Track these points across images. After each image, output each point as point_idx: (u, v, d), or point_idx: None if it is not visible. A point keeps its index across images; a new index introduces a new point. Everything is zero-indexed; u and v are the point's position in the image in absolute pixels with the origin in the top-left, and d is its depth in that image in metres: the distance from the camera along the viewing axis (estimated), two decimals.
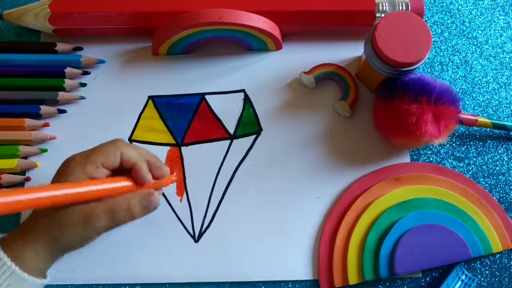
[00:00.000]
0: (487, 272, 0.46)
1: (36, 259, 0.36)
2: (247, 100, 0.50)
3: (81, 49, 0.51)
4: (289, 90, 0.50)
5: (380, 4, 0.49)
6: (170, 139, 0.49)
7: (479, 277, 0.46)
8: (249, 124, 0.49)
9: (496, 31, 0.54)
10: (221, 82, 0.50)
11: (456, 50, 0.53)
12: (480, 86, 0.52)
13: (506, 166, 0.49)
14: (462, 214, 0.45)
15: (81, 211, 0.36)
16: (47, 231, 0.36)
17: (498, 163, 0.49)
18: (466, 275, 0.44)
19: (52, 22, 0.48)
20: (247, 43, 0.50)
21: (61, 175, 0.37)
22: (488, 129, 0.50)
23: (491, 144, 0.50)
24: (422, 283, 0.45)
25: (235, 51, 0.52)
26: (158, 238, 0.46)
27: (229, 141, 0.49)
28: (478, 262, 0.46)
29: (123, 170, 0.39)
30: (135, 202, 0.38)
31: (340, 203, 0.47)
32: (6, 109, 0.48)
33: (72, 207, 0.36)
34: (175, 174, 0.47)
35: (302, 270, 0.45)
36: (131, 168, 0.39)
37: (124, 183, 0.38)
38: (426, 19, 0.54)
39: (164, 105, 0.50)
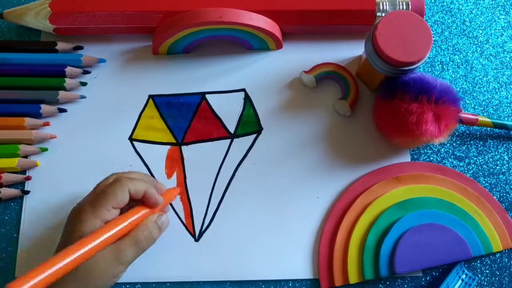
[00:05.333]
0: (487, 271, 0.46)
1: None
2: (247, 99, 0.50)
3: (81, 48, 0.51)
4: (289, 89, 0.50)
5: (381, 4, 0.49)
6: (170, 138, 0.49)
7: (480, 276, 0.46)
8: (250, 124, 0.49)
9: (497, 31, 0.53)
10: (221, 82, 0.50)
11: (457, 49, 0.53)
12: (481, 86, 0.52)
13: (507, 165, 0.49)
14: (463, 213, 0.45)
15: (109, 251, 0.36)
16: (78, 280, 0.36)
17: (498, 162, 0.49)
18: (466, 274, 0.44)
19: (53, 21, 0.48)
20: (248, 42, 0.50)
21: (74, 225, 0.37)
22: (488, 128, 0.50)
23: (491, 143, 0.50)
24: (422, 282, 0.45)
25: (235, 51, 0.51)
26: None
27: (229, 140, 0.49)
28: (478, 261, 0.46)
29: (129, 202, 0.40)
30: (153, 226, 0.39)
31: (341, 202, 0.47)
32: (7, 108, 0.48)
33: (100, 251, 0.36)
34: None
35: (302, 269, 0.45)
36: (140, 198, 0.40)
37: (142, 212, 0.39)
38: (427, 18, 0.54)
39: (165, 104, 0.50)
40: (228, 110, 0.49)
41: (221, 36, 0.49)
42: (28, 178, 0.47)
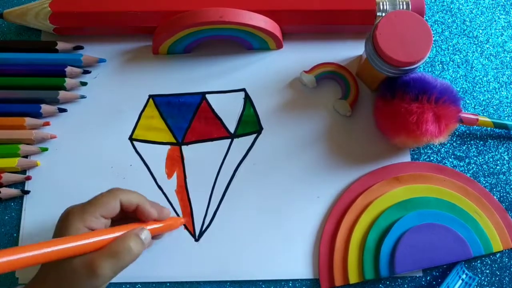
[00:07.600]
0: (487, 271, 0.46)
1: None
2: (247, 99, 0.50)
3: (81, 48, 0.51)
4: (289, 89, 0.50)
5: (381, 3, 0.49)
6: (170, 138, 0.49)
7: (480, 276, 0.46)
8: (250, 123, 0.49)
9: (497, 30, 0.53)
10: (221, 81, 0.50)
11: (457, 49, 0.53)
12: (481, 85, 0.52)
13: (507, 165, 0.49)
14: (463, 213, 0.45)
15: (85, 262, 0.35)
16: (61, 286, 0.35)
17: (498, 162, 0.49)
18: (466, 274, 0.44)
19: (53, 21, 0.48)
20: (248, 42, 0.50)
21: (62, 228, 0.37)
22: (488, 128, 0.50)
23: (491, 143, 0.50)
24: (423, 282, 0.45)
25: (235, 50, 0.51)
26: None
27: (229, 140, 0.49)
28: (478, 261, 0.46)
29: (121, 217, 0.40)
30: (133, 238, 0.37)
31: (341, 202, 0.47)
32: (7, 108, 0.48)
33: (77, 260, 0.35)
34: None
35: (302, 269, 0.45)
36: (132, 212, 0.39)
37: (128, 230, 0.38)
38: (427, 18, 0.54)
39: (165, 104, 0.50)
40: (228, 110, 0.49)
41: (221, 36, 0.49)
42: (28, 178, 0.47)
